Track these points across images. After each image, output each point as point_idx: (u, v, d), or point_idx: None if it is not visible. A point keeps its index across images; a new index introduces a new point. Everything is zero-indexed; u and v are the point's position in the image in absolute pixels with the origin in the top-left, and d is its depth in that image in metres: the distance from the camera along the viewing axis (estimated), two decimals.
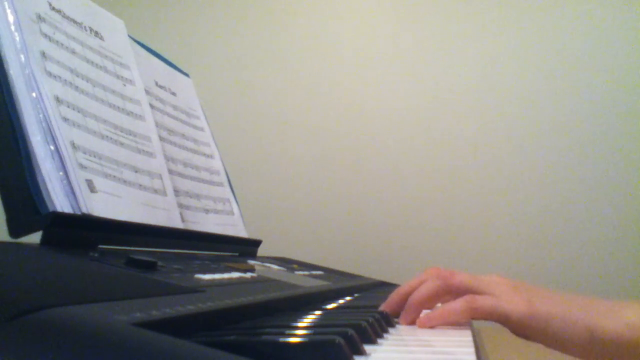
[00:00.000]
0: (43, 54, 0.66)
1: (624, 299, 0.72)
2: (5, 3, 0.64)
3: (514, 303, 0.65)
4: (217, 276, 0.63)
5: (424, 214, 2.07)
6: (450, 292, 0.70)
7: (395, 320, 0.68)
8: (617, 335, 0.62)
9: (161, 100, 0.96)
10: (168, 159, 0.89)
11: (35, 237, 0.56)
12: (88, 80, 0.73)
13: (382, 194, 2.10)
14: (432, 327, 0.65)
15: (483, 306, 0.65)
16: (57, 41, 0.70)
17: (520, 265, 1.98)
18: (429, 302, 0.70)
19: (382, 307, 0.70)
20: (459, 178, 2.07)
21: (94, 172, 0.67)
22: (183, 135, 0.99)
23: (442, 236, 2.04)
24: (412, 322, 0.68)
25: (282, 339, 0.38)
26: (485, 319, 0.66)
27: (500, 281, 0.69)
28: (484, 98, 2.09)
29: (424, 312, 0.70)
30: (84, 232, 0.60)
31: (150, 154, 0.82)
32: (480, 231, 2.03)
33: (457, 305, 0.65)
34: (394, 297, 0.71)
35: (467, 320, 0.67)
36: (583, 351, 0.64)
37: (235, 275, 0.69)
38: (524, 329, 0.66)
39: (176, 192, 0.88)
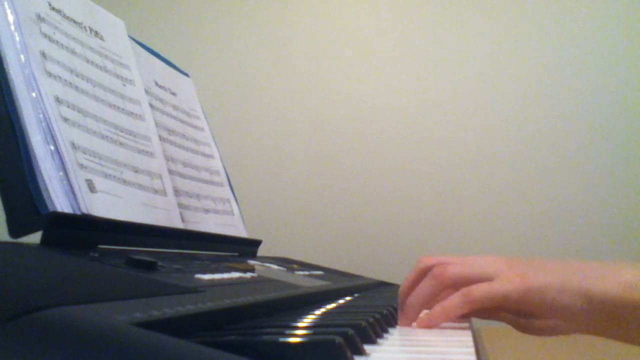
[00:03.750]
0: (43, 54, 0.66)
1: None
2: (5, 3, 0.64)
3: (507, 281, 0.64)
4: (217, 276, 0.63)
5: (424, 214, 2.07)
6: (447, 287, 0.69)
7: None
8: (615, 297, 0.61)
9: (161, 100, 0.96)
10: (168, 159, 0.89)
11: (35, 237, 0.56)
12: (88, 80, 0.73)
13: (383, 194, 2.10)
14: (433, 327, 0.65)
15: (479, 295, 0.64)
16: (57, 41, 0.70)
17: None
18: (427, 303, 0.69)
19: (400, 320, 0.69)
20: (460, 178, 2.07)
21: (94, 172, 0.67)
22: (183, 135, 0.99)
23: (443, 236, 2.04)
24: (411, 324, 0.68)
25: (282, 339, 0.38)
26: (485, 306, 0.65)
27: (494, 259, 0.67)
28: (485, 98, 2.09)
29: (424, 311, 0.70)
30: (84, 232, 0.60)
31: (150, 154, 0.82)
32: (480, 231, 2.03)
33: (454, 300, 0.65)
34: (401, 304, 0.70)
35: (468, 313, 0.66)
36: (583, 317, 0.63)
37: (235, 275, 0.69)
38: (521, 304, 0.64)
39: (176, 192, 0.88)
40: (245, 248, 1.06)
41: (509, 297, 0.64)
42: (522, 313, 0.67)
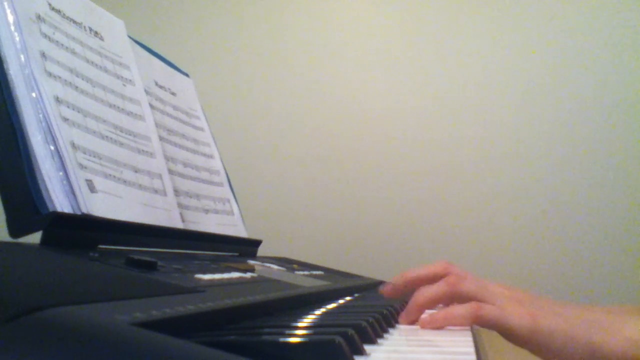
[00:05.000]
0: (43, 54, 0.66)
1: (623, 301, 0.72)
2: (5, 3, 0.64)
3: (518, 316, 0.65)
4: (217, 276, 0.63)
5: (424, 214, 2.07)
6: (456, 299, 0.71)
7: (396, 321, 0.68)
8: (619, 352, 0.62)
9: (161, 100, 0.96)
10: (168, 159, 0.89)
11: (35, 237, 0.56)
12: (88, 80, 0.73)
13: (382, 194, 2.10)
14: (433, 328, 0.66)
15: (488, 315, 0.66)
16: (57, 41, 0.70)
17: (520, 265, 1.98)
18: (433, 305, 0.71)
19: (384, 289, 0.71)
20: (459, 178, 2.07)
21: (94, 172, 0.67)
22: (183, 135, 0.99)
23: (443, 236, 2.04)
24: (413, 323, 0.68)
25: (282, 339, 0.38)
26: (489, 327, 0.67)
27: (506, 293, 0.69)
28: (484, 98, 2.09)
29: (427, 311, 0.70)
30: (84, 232, 0.60)
31: (150, 154, 0.82)
32: (480, 231, 2.03)
33: (463, 310, 0.66)
34: (398, 280, 0.72)
35: (469, 326, 0.67)
36: None
37: (235, 275, 0.69)
38: (526, 343, 0.66)
39: (176, 192, 0.88)
40: (245, 248, 1.06)
41: (515, 331, 0.65)
42: (522, 347, 0.68)
